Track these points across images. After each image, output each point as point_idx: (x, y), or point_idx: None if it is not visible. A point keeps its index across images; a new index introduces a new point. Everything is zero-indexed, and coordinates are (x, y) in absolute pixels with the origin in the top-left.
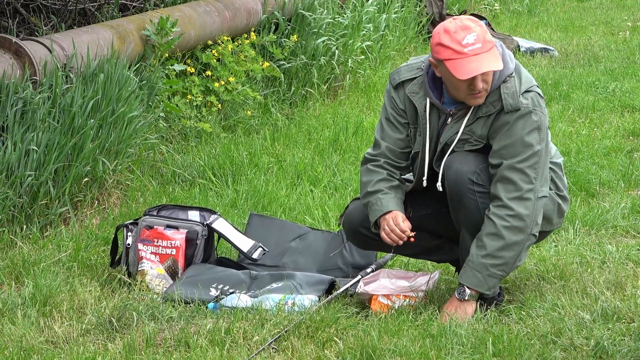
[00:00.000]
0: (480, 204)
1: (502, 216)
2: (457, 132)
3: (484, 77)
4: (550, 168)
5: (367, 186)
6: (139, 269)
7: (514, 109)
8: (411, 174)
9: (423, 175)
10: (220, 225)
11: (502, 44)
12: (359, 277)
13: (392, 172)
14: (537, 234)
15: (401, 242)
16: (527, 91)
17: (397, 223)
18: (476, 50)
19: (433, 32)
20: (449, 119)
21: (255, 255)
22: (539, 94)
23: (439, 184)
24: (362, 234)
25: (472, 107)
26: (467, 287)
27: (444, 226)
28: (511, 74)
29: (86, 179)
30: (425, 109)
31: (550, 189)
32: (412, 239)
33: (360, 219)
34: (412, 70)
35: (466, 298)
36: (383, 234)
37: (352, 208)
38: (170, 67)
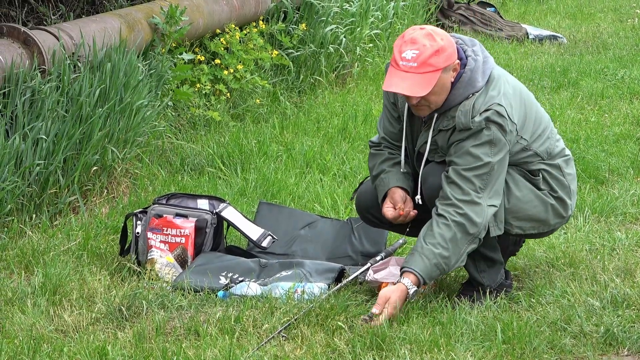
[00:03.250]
0: None
1: (451, 212)
2: (427, 142)
3: (433, 90)
4: (542, 170)
5: (373, 170)
6: (149, 258)
7: (465, 127)
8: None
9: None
10: (230, 213)
11: (477, 56)
12: (369, 265)
13: (393, 152)
14: (482, 239)
15: (403, 219)
16: (486, 110)
17: (394, 203)
18: (408, 67)
19: None
20: (421, 127)
21: (264, 244)
22: (497, 112)
23: (418, 197)
24: (370, 219)
25: (435, 119)
26: (413, 275)
27: None
28: (477, 91)
29: (95, 168)
30: (406, 107)
31: (541, 189)
32: (412, 213)
33: (367, 204)
34: None
35: (410, 292)
36: (387, 215)
37: (363, 189)
38: (178, 55)
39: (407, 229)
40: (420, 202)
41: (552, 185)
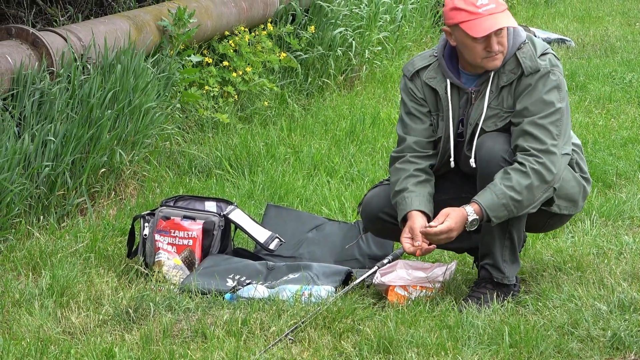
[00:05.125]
0: None
1: (530, 160)
2: (483, 109)
3: (499, 39)
4: (573, 150)
5: (395, 185)
6: (156, 260)
7: (534, 70)
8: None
9: (450, 156)
10: (237, 216)
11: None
12: (376, 268)
13: (418, 165)
14: (557, 188)
15: (419, 253)
16: (543, 54)
17: (413, 236)
18: (490, 10)
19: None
20: (472, 98)
21: (271, 246)
22: (554, 55)
23: (472, 159)
24: (382, 220)
25: (492, 80)
26: (477, 206)
27: None
28: (524, 41)
29: (103, 170)
30: (446, 90)
31: (575, 172)
32: (429, 247)
33: (380, 205)
34: (425, 59)
35: (469, 219)
36: (404, 246)
37: (369, 196)
38: (187, 57)
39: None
40: (474, 166)
41: (581, 167)
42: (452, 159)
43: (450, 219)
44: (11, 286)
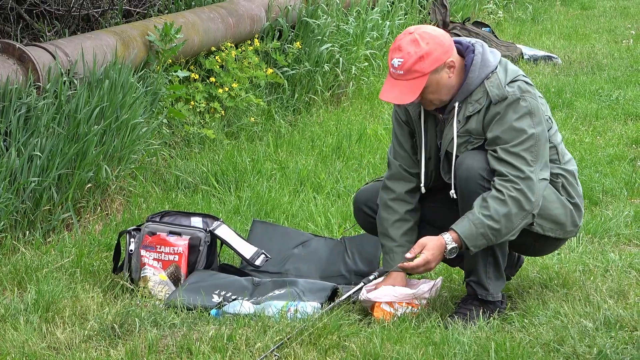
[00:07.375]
0: None
1: (508, 187)
2: (453, 138)
3: (428, 90)
4: (561, 174)
5: (384, 223)
6: (142, 275)
7: (501, 98)
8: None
9: (421, 182)
10: (223, 231)
11: (483, 43)
12: (362, 284)
13: (408, 206)
14: (536, 215)
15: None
16: (512, 81)
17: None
18: (396, 75)
19: None
20: (443, 125)
21: (257, 262)
22: (525, 82)
23: (452, 191)
24: (364, 212)
25: (457, 110)
26: (456, 234)
27: (450, 221)
28: (493, 70)
29: (89, 185)
30: (420, 116)
31: (561, 195)
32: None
33: (366, 198)
34: None
35: (448, 247)
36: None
37: (361, 189)
38: (173, 73)
39: None
40: (455, 197)
41: (569, 191)
42: (422, 184)
43: (427, 250)
44: None
